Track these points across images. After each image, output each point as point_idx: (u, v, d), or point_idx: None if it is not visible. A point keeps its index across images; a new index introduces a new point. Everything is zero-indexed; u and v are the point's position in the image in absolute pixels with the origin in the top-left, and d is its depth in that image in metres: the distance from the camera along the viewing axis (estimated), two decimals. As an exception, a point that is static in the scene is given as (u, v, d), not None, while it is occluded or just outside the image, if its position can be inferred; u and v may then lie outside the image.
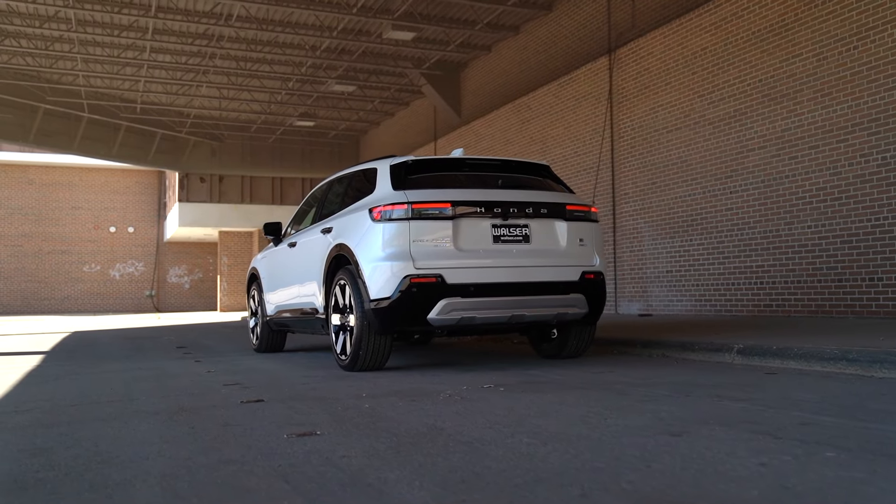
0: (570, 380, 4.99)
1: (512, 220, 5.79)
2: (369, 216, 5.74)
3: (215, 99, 21.85)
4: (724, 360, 5.95)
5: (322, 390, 4.78)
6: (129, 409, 4.21)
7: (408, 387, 4.83)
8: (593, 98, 13.94)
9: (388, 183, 5.94)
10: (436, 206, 5.60)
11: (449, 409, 3.84)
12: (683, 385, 4.54)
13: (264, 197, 27.45)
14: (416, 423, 3.44)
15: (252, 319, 8.87)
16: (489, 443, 2.94)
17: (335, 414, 3.78)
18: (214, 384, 5.35)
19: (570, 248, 5.98)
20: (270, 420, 3.66)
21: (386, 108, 22.98)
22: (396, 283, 5.47)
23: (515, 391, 4.47)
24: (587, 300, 5.96)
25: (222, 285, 28.19)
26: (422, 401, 4.15)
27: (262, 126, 24.97)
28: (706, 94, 11.20)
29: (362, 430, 3.29)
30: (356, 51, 17.70)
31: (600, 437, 2.98)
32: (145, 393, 4.92)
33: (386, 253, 5.55)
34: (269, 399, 4.42)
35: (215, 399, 4.52)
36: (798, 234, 9.64)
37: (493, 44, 17.62)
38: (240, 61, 18.63)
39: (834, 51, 9.16)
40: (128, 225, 32.73)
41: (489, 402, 4.02)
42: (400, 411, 3.80)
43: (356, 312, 5.72)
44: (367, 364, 5.83)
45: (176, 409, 4.14)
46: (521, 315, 5.70)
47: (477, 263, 5.63)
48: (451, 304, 5.49)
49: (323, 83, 20.22)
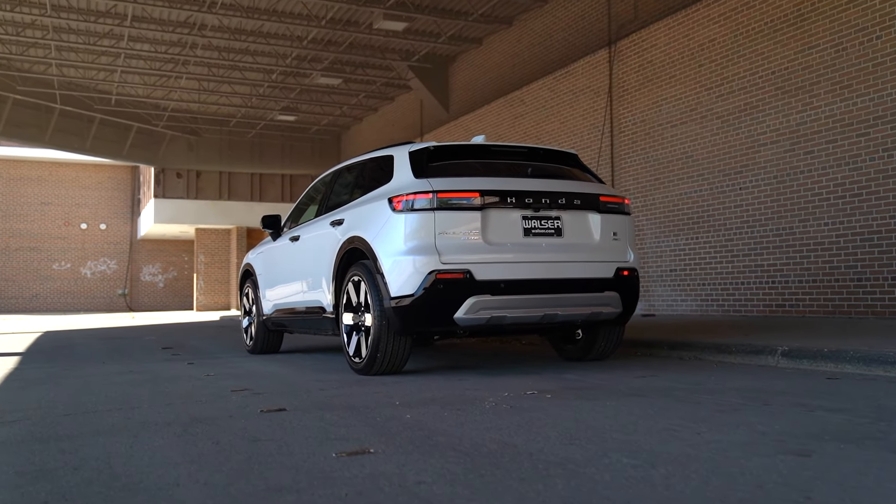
0: (616, 385, 4.55)
1: (543, 212, 5.35)
2: (389, 206, 5.26)
3: (194, 91, 21.14)
4: (768, 363, 5.55)
5: (346, 397, 4.30)
6: (134, 419, 3.69)
7: (440, 393, 4.36)
8: (591, 92, 13.54)
9: (407, 170, 5.46)
10: (463, 195, 5.14)
11: (506, 420, 3.37)
12: (751, 392, 4.12)
13: (243, 193, 26.74)
14: (479, 438, 2.98)
15: (245, 319, 8.33)
16: (585, 464, 2.48)
17: (377, 426, 3.30)
18: (220, 390, 4.84)
19: (603, 242, 5.55)
20: (304, 434, 3.17)
21: (370, 102, 22.44)
22: (420, 279, 5.00)
23: (566, 398, 4.02)
24: (621, 299, 5.54)
25: (199, 284, 27.44)
26: (467, 410, 3.68)
27: (241, 120, 24.29)
28: (714, 88, 10.84)
29: (421, 448, 2.82)
30: (344, 42, 17.15)
31: (711, 457, 2.54)
32: (145, 400, 4.40)
33: (408, 246, 5.07)
34: (292, 408, 3.92)
35: (229, 408, 4.02)
36: (814, 232, 9.30)
37: (485, 36, 17.18)
38: (222, 52, 17.98)
39: (854, 41, 8.83)
40: (100, 222, 31.81)
41: (546, 412, 3.56)
42: (450, 423, 3.33)
43: (373, 311, 5.24)
44: (384, 367, 5.35)
45: (188, 419, 3.64)
46: (553, 314, 5.26)
47: (507, 258, 5.18)
48: (480, 303, 5.03)
49: (308, 76, 19.63)
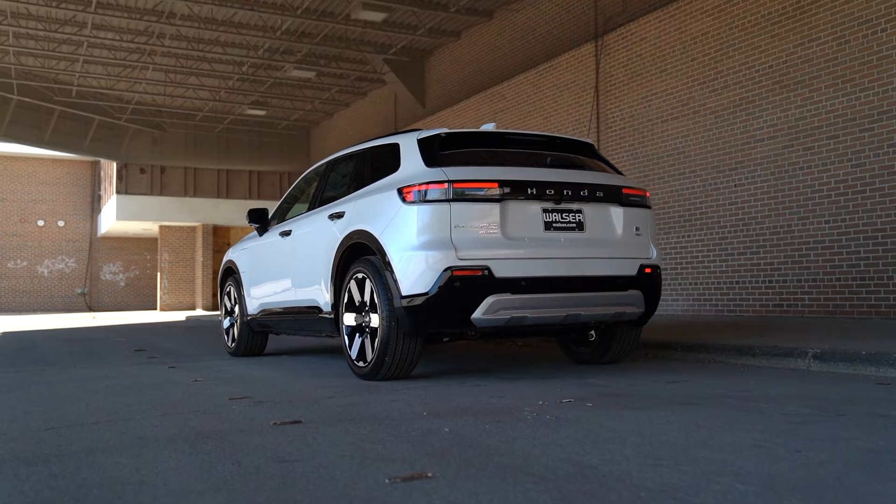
0: (653, 391, 4.19)
1: (565, 205, 4.97)
2: (398, 197, 4.84)
3: (160, 84, 20.40)
4: (798, 366, 5.25)
5: (362, 406, 3.86)
6: (130, 433, 3.23)
7: (465, 402, 3.95)
8: (577, 87, 13.23)
9: (417, 159, 5.05)
10: (481, 185, 4.74)
11: (561, 434, 2.98)
12: (810, 400, 3.78)
13: (209, 190, 25.96)
14: (545, 457, 2.57)
15: (227, 319, 7.83)
16: (693, 492, 2.10)
17: (417, 443, 2.88)
18: (216, 397, 4.38)
19: (626, 237, 5.20)
20: (337, 452, 2.74)
21: (342, 97, 21.90)
22: (435, 277, 4.59)
23: (610, 407, 3.64)
24: (644, 298, 5.20)
25: (163, 283, 26.61)
26: (509, 422, 3.29)
27: (208, 114, 23.58)
28: (707, 82, 10.59)
29: (485, 470, 2.40)
30: (319, 33, 16.61)
31: (840, 483, 2.17)
32: (135, 410, 3.93)
33: (421, 240, 4.66)
34: (308, 420, 3.48)
35: (234, 419, 3.56)
36: (814, 230, 9.08)
37: (464, 30, 16.79)
38: (191, 42, 17.31)
39: (857, 34, 8.61)
40: (57, 218, 30.70)
41: (601, 424, 3.18)
42: (498, 438, 2.93)
43: (381, 311, 4.82)
44: (392, 372, 4.93)
45: (193, 434, 3.18)
46: (576, 314, 4.89)
47: (527, 254, 4.80)
48: (500, 302, 4.64)
49: (280, 68, 19.04)
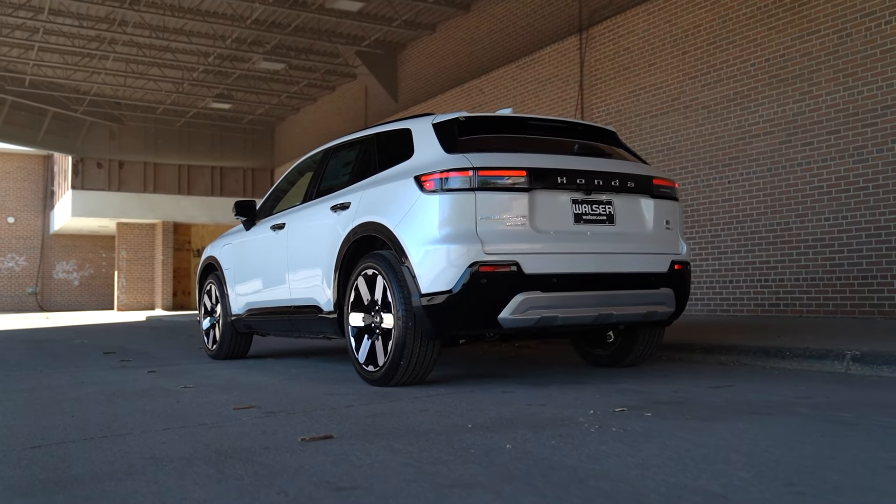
0: (702, 398, 3.83)
1: (595, 196, 4.60)
2: (416, 186, 4.41)
3: (120, 75, 19.60)
4: (835, 369, 4.95)
5: (393, 418, 3.43)
6: (135, 452, 2.75)
7: (507, 412, 3.54)
8: (560, 81, 12.92)
9: (434, 145, 4.63)
10: (508, 173, 4.33)
11: (645, 450, 2.59)
12: (891, 408, 3.46)
13: (170, 186, 25.11)
14: (649, 480, 2.18)
15: (207, 320, 7.30)
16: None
17: (484, 463, 2.46)
18: (217, 407, 3.90)
19: (656, 231, 4.85)
20: (399, 476, 2.31)
21: (311, 91, 21.32)
22: (459, 273, 4.17)
23: (673, 417, 3.26)
24: (675, 296, 4.85)
25: (120, 282, 25.68)
26: (573, 436, 2.89)
27: (170, 107, 22.78)
28: (699, 76, 10.34)
29: (594, 501, 2.01)
30: (290, 24, 16.05)
31: None
32: (131, 423, 3.44)
33: (443, 233, 4.24)
34: (340, 435, 3.04)
35: (251, 433, 3.10)
36: (813, 228, 8.87)
37: (439, 22, 16.38)
38: (155, 30, 16.59)
39: (860, 26, 8.42)
40: (7, 215, 29.52)
41: (681, 438, 2.79)
42: (576, 456, 2.53)
43: (396, 310, 4.39)
44: (407, 377, 4.50)
45: (211, 452, 2.72)
46: (608, 314, 4.52)
47: (557, 248, 4.41)
48: (530, 301, 4.24)
49: (247, 60, 18.40)
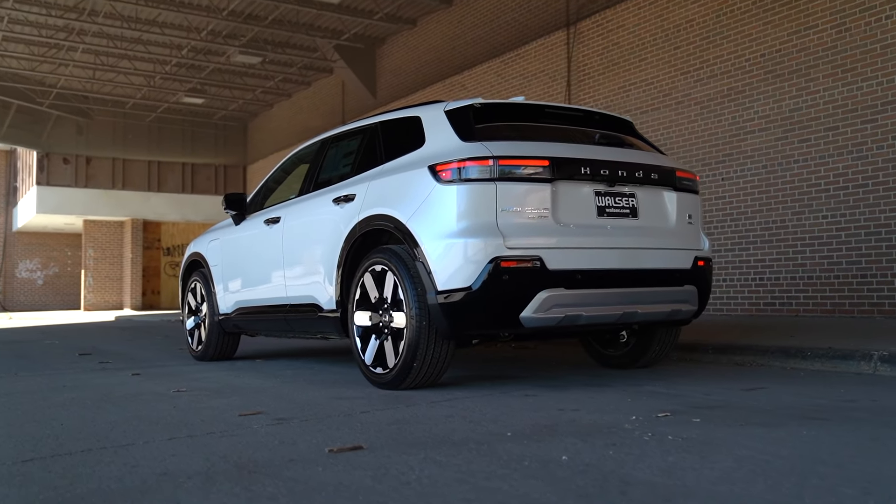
0: (741, 401, 3.60)
1: (618, 188, 4.36)
2: (431, 176, 4.14)
3: (90, 67, 18.99)
4: (862, 370, 4.76)
5: (419, 425, 3.14)
6: (143, 466, 2.43)
7: (542, 418, 3.27)
8: (546, 76, 12.70)
9: (448, 133, 4.35)
10: (531, 163, 4.07)
11: (718, 463, 2.33)
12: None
13: (139, 183, 24.47)
14: (743, 498, 1.93)
15: (191, 319, 6.94)
16: None
17: (547, 479, 2.18)
18: (221, 413, 3.57)
19: (679, 226, 4.62)
20: (457, 496, 2.02)
21: (286, 87, 20.88)
22: (479, 269, 3.90)
23: (724, 423, 3.02)
24: (698, 294, 4.63)
25: (87, 281, 24.98)
26: (624, 444, 2.62)
27: (140, 102, 22.19)
28: (692, 72, 10.18)
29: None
30: (268, 16, 15.64)
31: None
32: (128, 431, 3.11)
33: (461, 226, 3.97)
34: (369, 445, 2.75)
35: (268, 443, 2.79)
36: (810, 225, 8.73)
37: (420, 17, 16.08)
38: (126, 21, 16.05)
39: (860, 21, 8.29)
40: (-32, 212, 28.68)
41: (747, 447, 2.54)
42: (645, 470, 2.26)
43: (410, 309, 4.10)
44: (420, 380, 4.22)
45: (230, 466, 2.41)
46: (632, 313, 4.27)
47: (581, 243, 4.16)
48: (554, 298, 3.98)
49: (222, 53, 17.94)
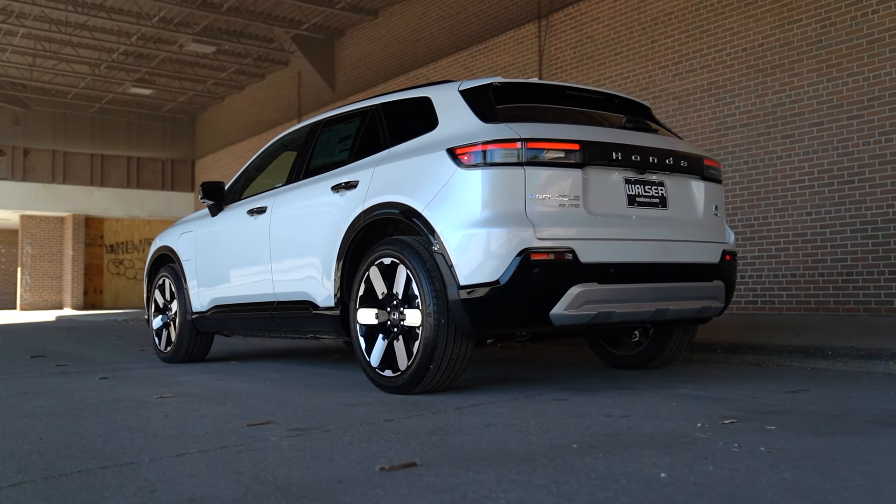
0: (794, 405, 3.33)
1: (647, 175, 4.06)
2: (451, 159, 3.77)
3: (29, 54, 18.03)
4: (891, 370, 4.56)
5: (460, 437, 2.76)
6: (162, 492, 2.01)
7: (595, 425, 2.94)
8: (516, 70, 12.42)
9: (466, 113, 3.99)
10: (561, 146, 3.74)
11: (842, 480, 2.03)
12: None
13: (81, 177, 23.40)
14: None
15: (158, 318, 6.42)
16: None
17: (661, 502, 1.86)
18: (223, 422, 3.14)
19: (706, 217, 4.35)
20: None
21: (238, 78, 20.19)
22: (507, 261, 3.55)
23: (800, 431, 2.73)
24: (725, 289, 4.37)
25: (24, 279, 23.81)
26: (716, 458, 2.31)
27: (83, 92, 21.22)
28: (670, 66, 10.00)
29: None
30: (224, 4, 15.00)
31: None
32: (126, 446, 2.66)
33: (487, 215, 3.61)
34: (422, 461, 2.38)
35: (301, 459, 2.39)
36: (793, 223, 8.62)
37: (382, 8, 15.65)
38: (71, 4, 15.24)
39: (845, 15, 8.20)
40: None
41: (864, 462, 2.26)
42: (770, 489, 1.95)
43: (426, 305, 3.72)
44: (436, 383, 3.85)
45: (266, 489, 2.01)
46: (664, 309, 3.98)
47: (612, 234, 3.84)
48: (587, 294, 3.65)
49: (174, 42, 17.20)
